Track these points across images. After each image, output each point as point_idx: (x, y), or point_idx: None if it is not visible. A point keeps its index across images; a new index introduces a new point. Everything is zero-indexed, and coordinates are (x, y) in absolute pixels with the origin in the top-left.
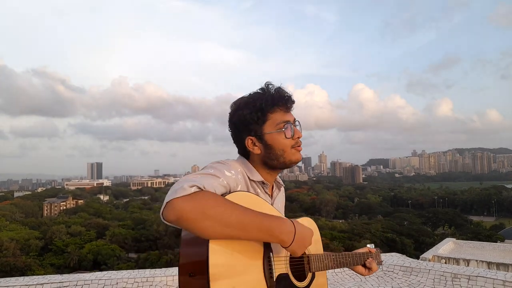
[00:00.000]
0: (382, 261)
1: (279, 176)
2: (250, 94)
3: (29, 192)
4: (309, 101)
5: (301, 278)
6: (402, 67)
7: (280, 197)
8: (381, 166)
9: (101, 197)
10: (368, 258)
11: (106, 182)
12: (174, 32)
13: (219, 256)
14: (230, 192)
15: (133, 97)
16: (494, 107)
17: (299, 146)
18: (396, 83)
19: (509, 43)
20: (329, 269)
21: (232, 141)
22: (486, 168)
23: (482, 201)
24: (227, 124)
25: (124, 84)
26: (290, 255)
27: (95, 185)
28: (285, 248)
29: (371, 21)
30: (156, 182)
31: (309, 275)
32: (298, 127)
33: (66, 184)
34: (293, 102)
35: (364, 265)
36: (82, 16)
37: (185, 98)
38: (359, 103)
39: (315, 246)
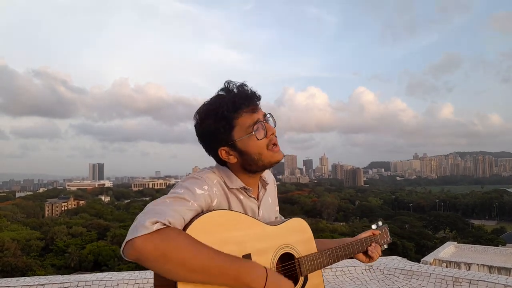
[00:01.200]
0: (390, 239)
1: (276, 171)
2: (210, 99)
3: (31, 193)
4: (310, 104)
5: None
6: (402, 70)
7: (269, 193)
8: (382, 169)
9: (103, 198)
10: (370, 244)
11: (108, 183)
12: (176, 34)
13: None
14: (202, 212)
15: (134, 98)
16: (496, 111)
17: (275, 144)
18: (396, 86)
19: (510, 46)
20: (325, 266)
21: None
22: (487, 171)
23: (484, 205)
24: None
25: (125, 85)
26: (278, 263)
27: (96, 186)
28: None
29: (372, 23)
30: (157, 184)
31: (301, 279)
32: (270, 121)
33: (68, 185)
34: (259, 97)
35: (366, 252)
36: (84, 17)
37: (186, 99)
38: (360, 106)
39: (307, 246)
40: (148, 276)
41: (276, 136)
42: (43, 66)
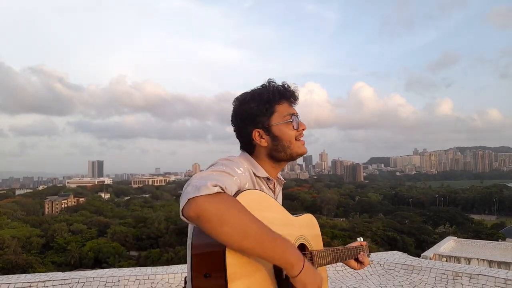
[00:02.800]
0: (370, 254)
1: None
2: (253, 89)
3: (31, 190)
4: (309, 100)
5: None
6: (401, 66)
7: (280, 194)
8: (382, 165)
9: (102, 195)
10: (360, 252)
11: (107, 180)
12: (174, 31)
13: (235, 256)
14: (241, 191)
15: (131, 95)
16: (495, 106)
17: (302, 138)
18: (395, 82)
19: (508, 42)
20: (328, 264)
21: (236, 135)
22: (487, 166)
23: (483, 199)
24: (230, 120)
25: (123, 82)
26: None
27: (96, 183)
28: (293, 277)
29: (370, 20)
30: (157, 180)
31: None
32: (301, 121)
33: (68, 182)
34: (297, 97)
35: (356, 259)
36: (82, 14)
37: (184, 96)
38: (359, 102)
39: (316, 242)
40: (149, 272)
41: (303, 133)
42: (39, 64)
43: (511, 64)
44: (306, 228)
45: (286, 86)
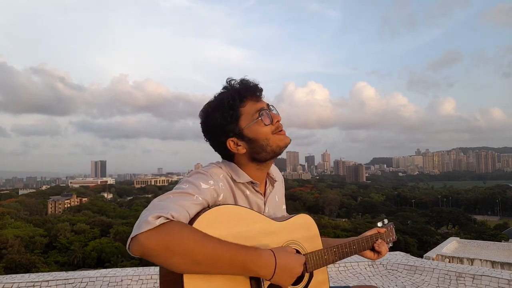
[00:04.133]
0: (396, 237)
1: (278, 168)
2: (214, 96)
3: (34, 190)
4: (311, 100)
5: (298, 280)
6: (402, 65)
7: (277, 191)
8: (385, 165)
9: (105, 195)
10: (377, 240)
11: (110, 180)
12: (176, 30)
13: (195, 284)
14: (209, 207)
15: (133, 95)
16: (497, 105)
17: (281, 130)
18: (397, 81)
19: (510, 40)
20: (330, 263)
21: (213, 149)
22: (490, 167)
23: (486, 200)
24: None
25: (124, 82)
26: None
27: (99, 183)
28: (268, 281)
29: (372, 18)
30: (159, 180)
31: (306, 276)
32: (274, 111)
33: (70, 182)
34: (261, 89)
35: (373, 249)
36: (84, 13)
37: (186, 95)
38: (361, 101)
39: (313, 243)
40: (151, 272)
41: (281, 124)
42: (41, 64)
43: None
44: (298, 230)
45: (244, 83)
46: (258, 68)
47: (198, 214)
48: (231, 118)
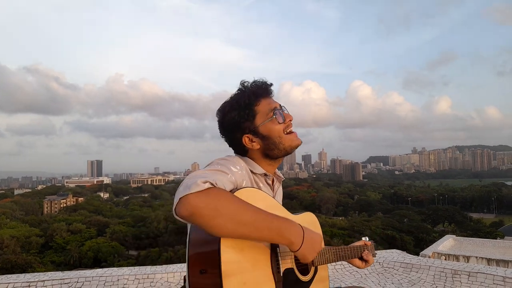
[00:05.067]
0: (375, 254)
1: (278, 170)
2: (231, 97)
3: (29, 190)
4: (307, 99)
5: (305, 272)
6: (398, 64)
7: (280, 191)
8: (381, 164)
9: (101, 194)
10: (364, 251)
11: (106, 180)
12: (173, 29)
13: (230, 253)
14: (237, 188)
15: (128, 94)
16: (493, 104)
17: (291, 129)
18: (393, 80)
19: (505, 39)
20: (330, 262)
21: (228, 145)
22: (486, 165)
23: (482, 198)
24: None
25: (120, 81)
26: None
27: (95, 182)
28: (294, 252)
29: (369, 18)
30: (156, 180)
31: (312, 269)
32: (285, 112)
33: (66, 182)
34: (271, 89)
35: (361, 258)
36: (78, 12)
37: (181, 95)
38: (357, 100)
39: None
40: (148, 271)
41: (292, 123)
42: (34, 63)
43: (508, 61)
44: (308, 226)
45: (258, 83)
46: (254, 67)
47: (231, 191)
48: (248, 116)
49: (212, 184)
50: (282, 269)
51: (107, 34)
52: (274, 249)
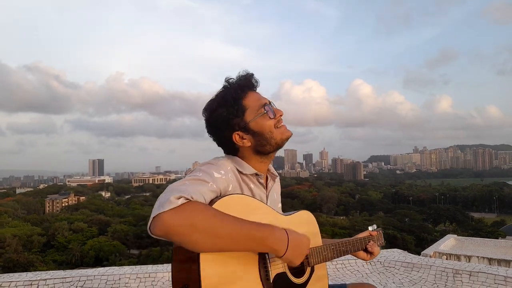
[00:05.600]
0: (384, 242)
1: (276, 166)
2: (216, 94)
3: (31, 189)
4: (307, 97)
5: (300, 273)
6: (398, 63)
7: (276, 188)
8: (382, 163)
9: (103, 193)
10: (369, 242)
11: (108, 179)
12: (174, 28)
13: (211, 267)
14: (221, 195)
15: (129, 93)
16: (494, 103)
17: (281, 123)
18: (393, 79)
19: (506, 38)
20: (329, 260)
21: (217, 144)
22: (487, 164)
23: (484, 197)
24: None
25: (120, 80)
26: None
27: (96, 181)
28: (280, 257)
29: (369, 16)
30: (157, 179)
31: (308, 270)
32: (275, 107)
33: (68, 181)
34: (257, 81)
35: (365, 250)
36: (80, 11)
37: (182, 93)
38: (358, 99)
39: (314, 239)
40: (149, 270)
41: (282, 118)
42: (35, 61)
43: (509, 60)
44: (302, 226)
45: (242, 76)
46: (255, 66)
47: (212, 201)
48: (237, 112)
49: (187, 199)
50: (272, 275)
51: (108, 32)
52: (262, 255)
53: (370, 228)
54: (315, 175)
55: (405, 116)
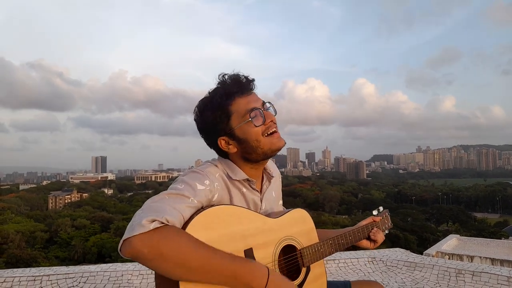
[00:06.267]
0: (391, 224)
1: (278, 165)
2: (208, 92)
3: (34, 185)
4: (310, 96)
5: (294, 274)
6: (401, 63)
7: (273, 187)
8: (385, 162)
9: (106, 190)
10: (372, 229)
11: (111, 176)
12: (177, 27)
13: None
14: (203, 208)
15: (131, 90)
16: (497, 103)
17: (274, 131)
18: (396, 79)
19: (509, 38)
20: (327, 255)
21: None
22: (491, 164)
23: (487, 197)
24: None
25: (123, 78)
26: (280, 256)
27: (99, 178)
28: None
29: (372, 16)
30: (160, 176)
31: (303, 270)
32: (270, 110)
33: (71, 178)
34: (251, 81)
35: (368, 238)
36: (84, 9)
37: (184, 91)
38: (361, 98)
39: (309, 237)
40: None
41: (275, 124)
42: (38, 59)
43: None
44: (294, 225)
45: (234, 78)
46: (258, 65)
47: (192, 216)
48: (221, 117)
49: (162, 222)
50: None
51: (111, 30)
52: None
53: (374, 212)
54: (318, 174)
55: (408, 116)
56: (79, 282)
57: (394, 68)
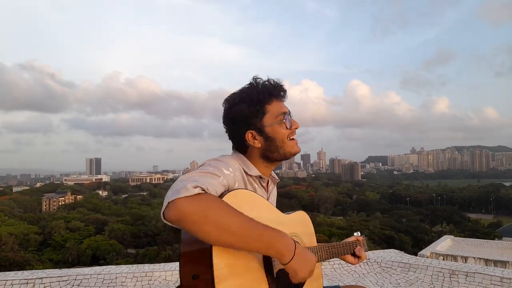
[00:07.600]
0: (367, 249)
1: (274, 172)
2: (242, 88)
3: (28, 187)
4: (305, 98)
5: None
6: (395, 64)
7: (274, 191)
8: (380, 164)
9: (100, 192)
10: (356, 246)
11: (105, 178)
12: (171, 27)
13: (223, 257)
14: (229, 191)
15: (125, 92)
16: (491, 105)
17: (294, 136)
18: (390, 80)
19: (503, 39)
20: (322, 260)
21: (228, 137)
22: (484, 166)
23: (480, 198)
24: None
25: (116, 79)
26: None
27: (93, 180)
28: (284, 265)
29: (366, 17)
30: (155, 178)
31: None
32: (293, 118)
33: (65, 180)
34: (285, 92)
35: (353, 254)
36: (77, 9)
37: (178, 93)
38: (355, 100)
39: (309, 239)
40: (146, 269)
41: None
42: (30, 60)
43: (507, 61)
44: (298, 225)
45: (274, 83)
46: (252, 66)
47: (222, 195)
48: (257, 112)
49: (203, 189)
50: (275, 270)
51: (104, 31)
52: None
53: (355, 234)
54: (313, 175)
55: (402, 117)
56: (73, 285)
57: (388, 69)
